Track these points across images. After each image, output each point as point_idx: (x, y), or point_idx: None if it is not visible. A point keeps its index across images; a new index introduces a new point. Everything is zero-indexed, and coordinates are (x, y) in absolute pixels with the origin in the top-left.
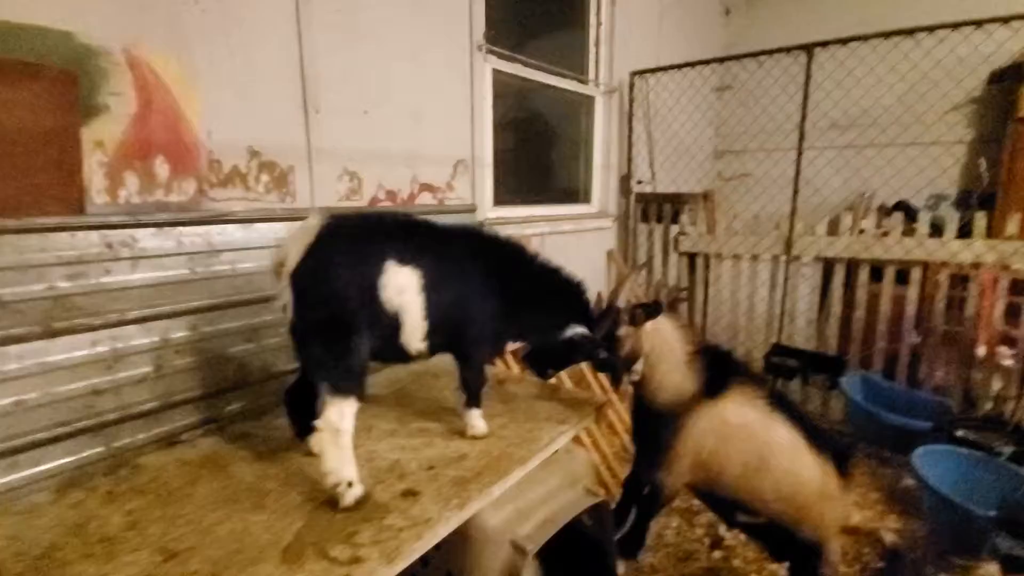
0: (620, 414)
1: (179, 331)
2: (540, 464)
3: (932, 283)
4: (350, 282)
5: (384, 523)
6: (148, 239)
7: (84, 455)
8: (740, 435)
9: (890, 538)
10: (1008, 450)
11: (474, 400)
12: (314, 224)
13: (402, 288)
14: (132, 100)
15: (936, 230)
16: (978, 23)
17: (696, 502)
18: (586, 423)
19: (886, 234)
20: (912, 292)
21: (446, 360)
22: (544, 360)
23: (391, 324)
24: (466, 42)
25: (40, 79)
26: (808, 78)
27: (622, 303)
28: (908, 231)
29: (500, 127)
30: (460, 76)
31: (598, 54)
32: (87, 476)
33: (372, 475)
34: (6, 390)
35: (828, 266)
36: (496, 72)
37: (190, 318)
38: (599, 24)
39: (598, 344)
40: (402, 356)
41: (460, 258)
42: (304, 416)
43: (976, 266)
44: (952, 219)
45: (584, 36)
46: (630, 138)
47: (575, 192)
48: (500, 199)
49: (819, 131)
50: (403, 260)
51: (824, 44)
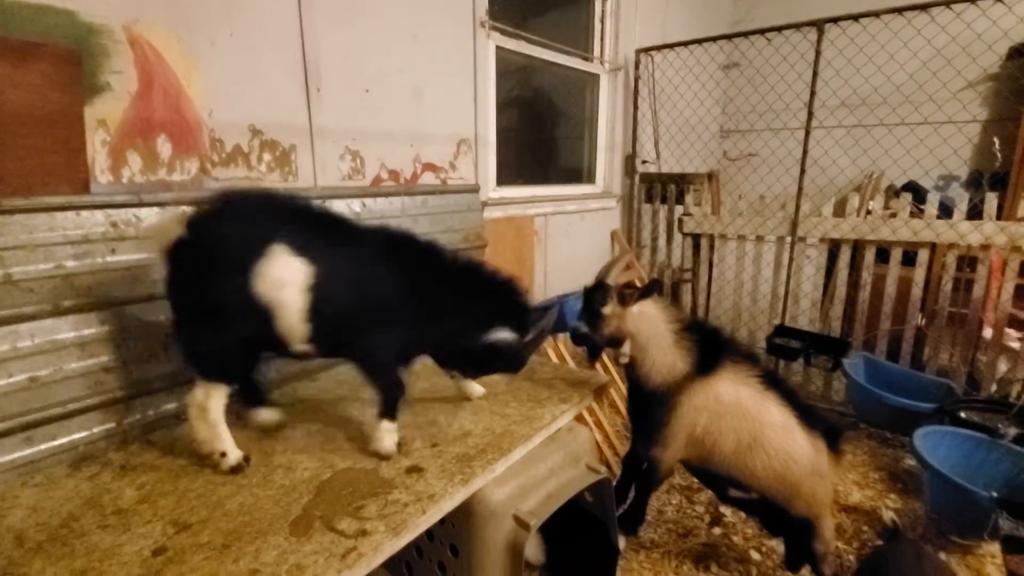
0: (622, 393)
1: None
2: (543, 442)
3: (939, 265)
4: (224, 266)
5: (390, 498)
6: (152, 218)
7: (96, 431)
8: (733, 412)
9: (889, 517)
10: (1012, 432)
11: (386, 411)
12: (205, 198)
13: (282, 282)
14: (134, 79)
15: (945, 211)
16: None
17: (696, 481)
18: (588, 402)
19: (894, 215)
20: (919, 274)
21: None
22: (460, 363)
23: (264, 319)
24: (469, 18)
25: (43, 58)
26: (818, 55)
27: (612, 281)
28: (916, 212)
29: (503, 106)
30: (463, 53)
31: (603, 31)
32: (100, 451)
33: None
34: (21, 367)
35: (834, 247)
36: (499, 49)
37: None
38: (604, 0)
39: (528, 347)
40: (287, 354)
41: (366, 259)
42: (248, 387)
43: (985, 248)
44: (962, 200)
45: (589, 12)
46: (635, 117)
47: (579, 172)
48: (503, 179)
49: (828, 110)
50: (295, 250)
51: (835, 20)
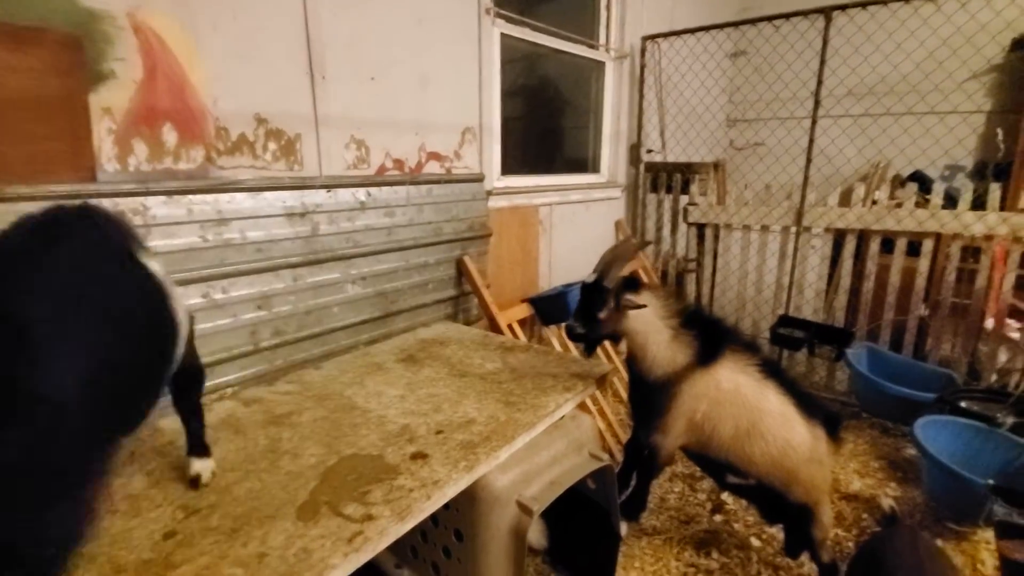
0: (624, 381)
1: (191, 298)
2: (546, 429)
3: (943, 255)
4: None
5: (395, 484)
6: (159, 207)
7: None
8: (732, 400)
9: (888, 504)
10: (1010, 420)
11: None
12: None
13: None
14: (138, 66)
15: (950, 201)
16: None
17: (699, 468)
18: (591, 390)
19: (899, 205)
20: (923, 264)
21: (454, 329)
22: None
23: None
24: (474, 4)
25: (44, 44)
26: (825, 43)
27: (610, 283)
28: (921, 202)
29: (508, 95)
30: (468, 41)
31: (609, 17)
32: None
33: (383, 439)
34: None
35: (839, 237)
36: (504, 37)
37: (202, 286)
38: None
39: None
40: None
41: None
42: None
43: (988, 238)
44: (967, 190)
45: None
46: (640, 106)
47: (584, 161)
48: (508, 168)
49: (835, 99)
50: None
51: (843, 7)
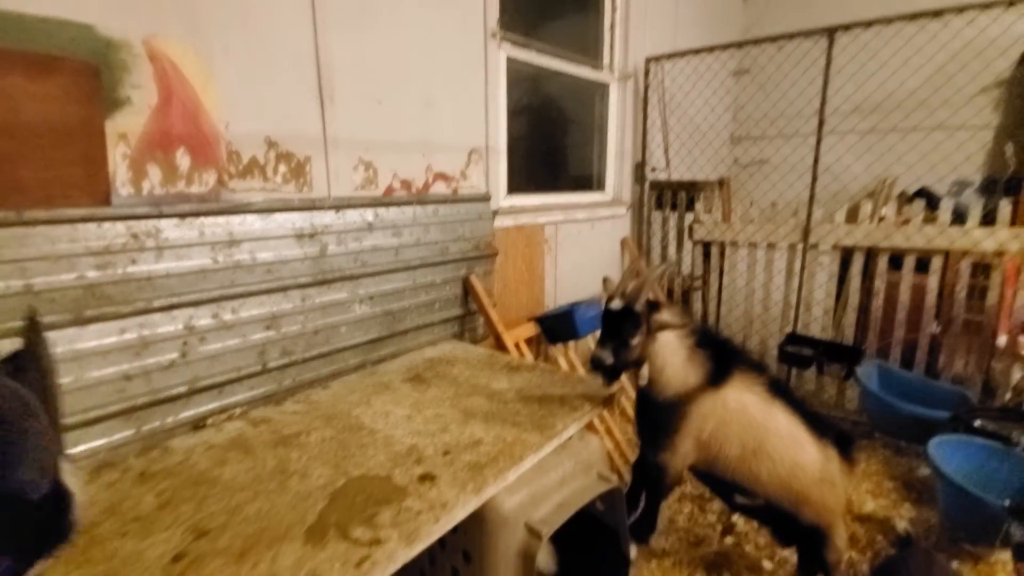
0: (632, 399)
1: (203, 319)
2: (554, 450)
3: (953, 271)
4: None
5: (403, 506)
6: (171, 229)
7: (116, 438)
8: (738, 419)
9: (903, 526)
10: None
11: None
12: None
13: None
14: (153, 92)
15: (959, 217)
16: (1010, 2)
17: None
18: (599, 409)
19: (907, 222)
20: (932, 281)
21: (460, 348)
22: None
23: None
24: (480, 29)
25: (63, 72)
26: (829, 62)
27: (640, 307)
28: (929, 219)
29: (514, 114)
30: (474, 64)
31: (613, 39)
32: (120, 458)
33: (391, 460)
34: None
35: (847, 254)
36: (510, 59)
37: (212, 306)
38: (614, 8)
39: None
40: None
41: None
42: None
43: (999, 254)
44: (976, 206)
45: (599, 21)
46: (645, 125)
47: (589, 179)
48: (514, 187)
49: (840, 116)
50: None
51: (846, 27)
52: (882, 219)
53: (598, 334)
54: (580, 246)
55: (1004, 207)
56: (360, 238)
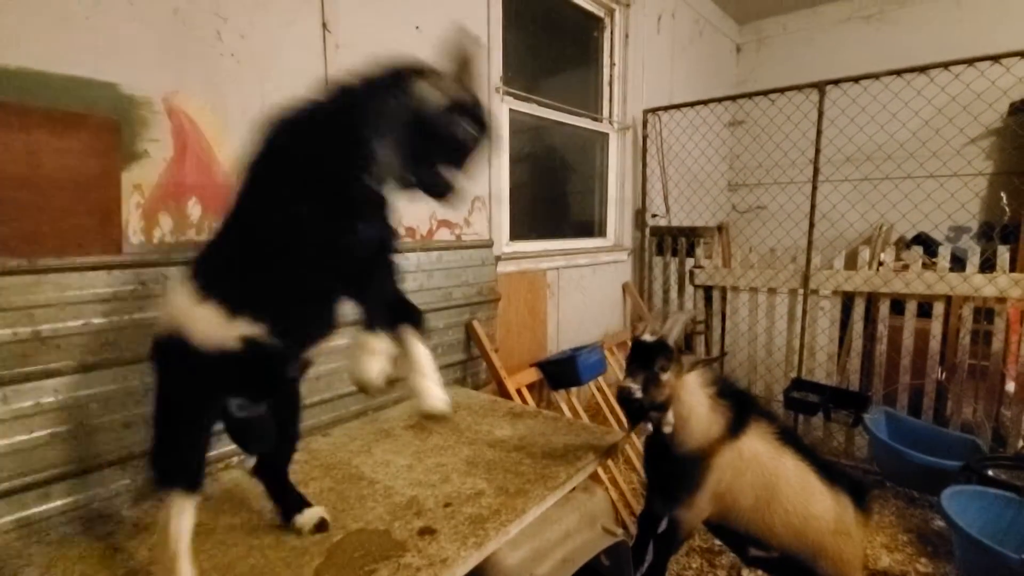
0: (637, 449)
1: None
2: (558, 502)
3: (956, 317)
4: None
5: (402, 562)
6: (179, 276)
7: (113, 487)
8: (752, 469)
9: None
10: None
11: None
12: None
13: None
14: (169, 145)
15: (957, 262)
16: (995, 58)
17: (718, 542)
18: (603, 459)
19: (906, 267)
20: (936, 327)
21: (463, 394)
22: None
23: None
24: (484, 85)
25: (86, 128)
26: (821, 114)
27: (673, 343)
28: (929, 264)
29: (516, 162)
30: None
31: (612, 93)
32: (115, 509)
33: (390, 512)
34: (43, 422)
35: (848, 299)
36: (512, 111)
37: None
38: (612, 65)
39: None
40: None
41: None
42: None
43: (1001, 300)
44: (974, 252)
45: (598, 76)
46: (644, 173)
47: (590, 225)
48: (516, 234)
49: (833, 165)
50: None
51: (836, 82)
52: (881, 265)
53: (625, 366)
54: (582, 291)
55: (1003, 253)
56: None
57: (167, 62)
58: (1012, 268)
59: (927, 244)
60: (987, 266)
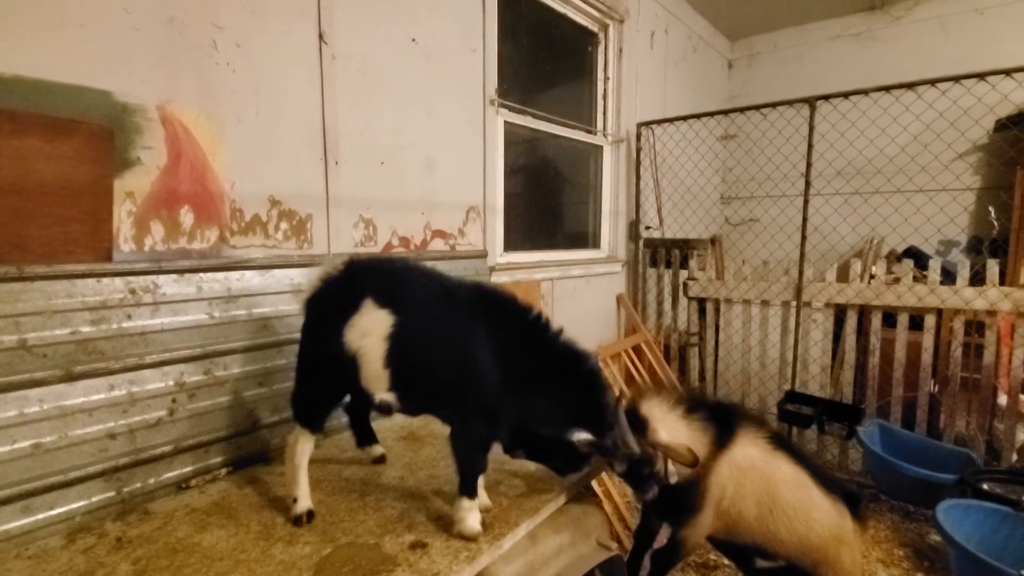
0: None
1: (194, 375)
2: (551, 516)
3: (947, 329)
4: (325, 319)
5: None
6: (169, 285)
7: (96, 499)
8: (750, 476)
9: None
10: None
11: (464, 489)
12: (337, 262)
13: (365, 331)
14: (163, 153)
15: (948, 275)
16: (981, 75)
17: (713, 557)
18: (597, 472)
19: (897, 280)
20: (927, 339)
21: None
22: (529, 447)
23: (350, 367)
24: (479, 97)
25: (78, 135)
26: (811, 129)
27: (641, 452)
28: (920, 277)
29: (511, 174)
30: (473, 129)
31: (606, 106)
32: (98, 521)
33: (380, 525)
34: (26, 433)
35: (840, 312)
36: (507, 124)
37: (205, 362)
38: (606, 79)
39: (598, 454)
40: (372, 403)
41: (454, 312)
42: (360, 428)
43: (991, 313)
44: (964, 266)
45: (592, 89)
46: (638, 185)
47: (584, 237)
48: (510, 244)
49: (824, 179)
50: (381, 303)
51: (826, 97)
52: (872, 277)
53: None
54: (576, 301)
55: (992, 267)
56: None
57: (162, 70)
58: (1002, 281)
59: (918, 257)
60: (977, 279)
